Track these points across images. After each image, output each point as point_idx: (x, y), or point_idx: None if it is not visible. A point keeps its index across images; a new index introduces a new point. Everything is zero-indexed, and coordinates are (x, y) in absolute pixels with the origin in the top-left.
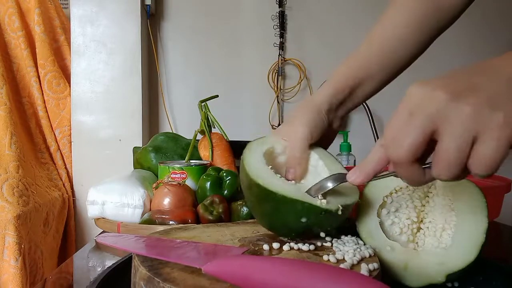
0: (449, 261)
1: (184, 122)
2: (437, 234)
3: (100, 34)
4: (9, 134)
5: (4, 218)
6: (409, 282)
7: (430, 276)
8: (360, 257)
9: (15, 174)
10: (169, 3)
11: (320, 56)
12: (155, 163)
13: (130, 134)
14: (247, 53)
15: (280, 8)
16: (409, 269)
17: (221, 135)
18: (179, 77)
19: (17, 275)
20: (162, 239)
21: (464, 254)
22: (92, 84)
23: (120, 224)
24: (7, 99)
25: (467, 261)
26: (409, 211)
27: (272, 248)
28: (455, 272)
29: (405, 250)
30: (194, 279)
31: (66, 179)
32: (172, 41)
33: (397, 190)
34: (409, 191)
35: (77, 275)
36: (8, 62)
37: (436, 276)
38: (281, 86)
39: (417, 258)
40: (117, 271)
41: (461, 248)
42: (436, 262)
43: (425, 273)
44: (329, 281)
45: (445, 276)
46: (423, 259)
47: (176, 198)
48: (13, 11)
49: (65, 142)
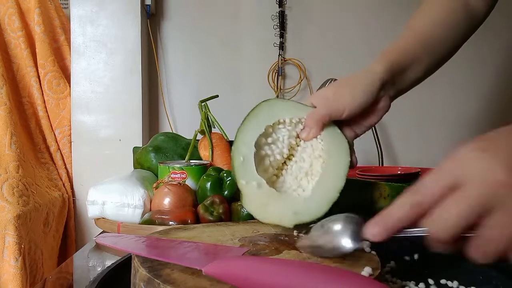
0: (303, 213)
1: (184, 122)
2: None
3: (100, 34)
4: (9, 134)
5: (4, 218)
6: (261, 217)
7: (281, 221)
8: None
9: (15, 174)
10: (169, 3)
11: (320, 56)
12: (155, 163)
13: (130, 134)
14: (247, 53)
15: (280, 8)
16: (267, 209)
17: (221, 135)
18: (179, 77)
19: (17, 275)
20: (162, 239)
21: (317, 208)
22: (92, 84)
23: (120, 224)
24: (7, 99)
25: (317, 215)
26: (283, 146)
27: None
28: (304, 223)
29: (268, 190)
30: (195, 280)
31: (66, 179)
32: (172, 41)
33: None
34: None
35: (77, 275)
36: (8, 62)
37: (287, 222)
38: (281, 86)
39: (277, 201)
40: (117, 271)
41: (316, 202)
42: (292, 210)
43: (278, 216)
44: (329, 281)
45: (293, 225)
46: (281, 204)
47: (176, 198)
48: (13, 11)
49: (65, 142)
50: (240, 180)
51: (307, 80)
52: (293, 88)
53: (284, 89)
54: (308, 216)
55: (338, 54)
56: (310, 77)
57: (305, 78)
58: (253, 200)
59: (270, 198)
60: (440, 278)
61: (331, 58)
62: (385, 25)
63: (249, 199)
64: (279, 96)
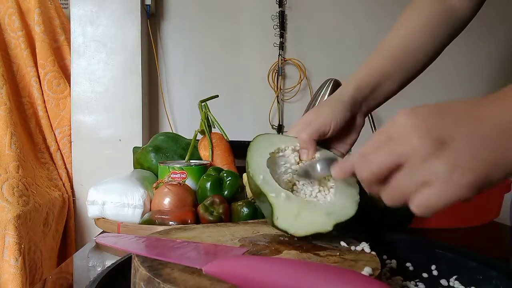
0: (337, 212)
1: (184, 122)
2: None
3: (100, 34)
4: (9, 134)
5: (4, 218)
6: (295, 230)
7: (317, 225)
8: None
9: (15, 174)
10: (169, 3)
11: (320, 56)
12: (155, 163)
13: (130, 134)
14: (247, 53)
15: (280, 8)
16: (300, 217)
17: (221, 135)
18: (179, 77)
19: (17, 275)
20: (162, 239)
21: (346, 208)
22: (92, 84)
23: (120, 224)
24: (7, 99)
25: (350, 214)
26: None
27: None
28: (342, 222)
29: (297, 200)
30: (195, 280)
31: (66, 179)
32: (172, 41)
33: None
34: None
35: (77, 275)
36: (8, 62)
37: (324, 225)
38: (281, 86)
39: (307, 209)
40: (117, 271)
41: (343, 203)
42: (324, 212)
43: (313, 221)
44: (329, 281)
45: (332, 225)
46: (313, 210)
47: (176, 198)
48: (13, 11)
49: (65, 142)
50: (270, 194)
51: (307, 80)
52: (293, 88)
53: (284, 89)
54: (344, 215)
55: (338, 54)
56: (310, 77)
57: (305, 78)
58: (284, 211)
59: (301, 207)
60: (440, 278)
61: (331, 58)
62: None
63: (280, 211)
64: (279, 97)
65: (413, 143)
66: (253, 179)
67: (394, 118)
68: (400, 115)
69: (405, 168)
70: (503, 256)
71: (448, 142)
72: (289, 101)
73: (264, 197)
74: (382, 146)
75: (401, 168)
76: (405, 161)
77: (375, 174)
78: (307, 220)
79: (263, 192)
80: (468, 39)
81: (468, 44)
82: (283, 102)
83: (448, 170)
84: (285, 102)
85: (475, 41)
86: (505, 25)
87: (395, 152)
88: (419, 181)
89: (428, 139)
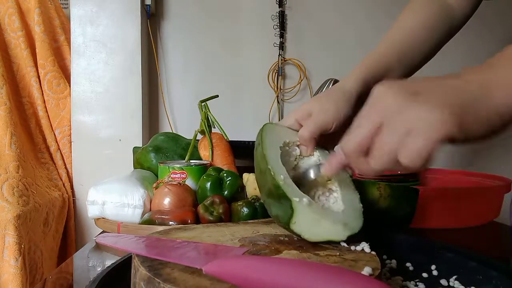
0: (350, 224)
1: (184, 122)
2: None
3: (100, 34)
4: (9, 134)
5: (4, 218)
6: (310, 236)
7: (333, 234)
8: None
9: (15, 174)
10: (169, 3)
11: (320, 56)
12: (155, 163)
13: (130, 134)
14: (247, 53)
15: (280, 8)
16: (319, 225)
17: (221, 135)
18: (179, 77)
19: (17, 275)
20: (162, 239)
21: (356, 218)
22: (92, 84)
23: (120, 224)
24: (7, 99)
25: (359, 225)
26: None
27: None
28: (355, 234)
29: (317, 206)
30: (195, 280)
31: (66, 179)
32: (172, 41)
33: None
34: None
35: (77, 275)
36: (8, 62)
37: (340, 236)
38: (281, 86)
39: (325, 216)
40: (117, 271)
41: (352, 213)
42: (342, 222)
43: (331, 230)
44: (329, 281)
45: (346, 236)
46: (332, 218)
47: (176, 198)
48: (13, 11)
49: (65, 142)
50: (293, 198)
51: (307, 80)
52: (293, 88)
53: (284, 89)
54: (357, 227)
55: (338, 54)
56: (310, 77)
57: (305, 78)
58: (305, 217)
59: (321, 214)
60: (440, 278)
61: (331, 58)
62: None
63: (300, 216)
64: (279, 97)
65: (388, 101)
66: (272, 178)
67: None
68: (375, 87)
69: (384, 126)
70: (503, 256)
71: (420, 92)
72: (289, 101)
73: (284, 200)
74: (362, 118)
75: (380, 129)
76: (383, 121)
77: (358, 143)
78: (325, 229)
79: (285, 195)
80: (467, 38)
81: (467, 43)
82: (283, 102)
83: (426, 111)
84: (285, 102)
85: (474, 40)
86: (504, 24)
87: (372, 115)
88: (401, 133)
89: (401, 95)
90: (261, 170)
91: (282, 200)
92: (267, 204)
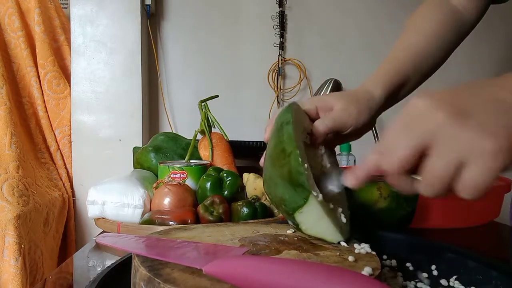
0: (344, 228)
1: (184, 122)
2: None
3: (100, 34)
4: (9, 134)
5: (4, 218)
6: (307, 228)
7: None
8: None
9: (15, 174)
10: (169, 3)
11: (320, 56)
12: (155, 163)
13: (130, 134)
14: (247, 53)
15: (280, 8)
16: (321, 222)
17: (221, 135)
18: (179, 77)
19: (17, 275)
20: (162, 239)
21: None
22: (92, 84)
23: (120, 224)
24: (7, 99)
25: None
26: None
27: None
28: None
29: (326, 205)
30: (195, 280)
31: (66, 179)
32: (172, 41)
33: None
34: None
35: (77, 275)
36: (8, 62)
37: (334, 238)
38: (281, 86)
39: (331, 215)
40: (117, 271)
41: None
42: (339, 226)
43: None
44: (329, 281)
45: (338, 241)
46: (334, 217)
47: (176, 198)
48: (13, 11)
49: (65, 142)
50: (313, 191)
51: (307, 80)
52: (293, 88)
53: (284, 89)
54: (347, 233)
55: (338, 54)
56: (310, 77)
57: (305, 78)
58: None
59: (327, 213)
60: (440, 278)
61: (331, 58)
62: (385, 25)
63: (310, 209)
64: (279, 97)
65: (437, 119)
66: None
67: (409, 104)
68: (416, 98)
69: (434, 149)
70: (503, 256)
71: (469, 111)
72: (289, 101)
73: (301, 189)
74: (403, 131)
75: (429, 150)
76: (432, 141)
77: (403, 161)
78: (324, 227)
79: (305, 185)
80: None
81: (471, 45)
82: (283, 102)
83: (480, 138)
84: (285, 102)
85: (477, 42)
86: (508, 26)
87: (420, 132)
88: (454, 162)
89: (450, 113)
90: (284, 150)
91: (298, 188)
92: (274, 183)
